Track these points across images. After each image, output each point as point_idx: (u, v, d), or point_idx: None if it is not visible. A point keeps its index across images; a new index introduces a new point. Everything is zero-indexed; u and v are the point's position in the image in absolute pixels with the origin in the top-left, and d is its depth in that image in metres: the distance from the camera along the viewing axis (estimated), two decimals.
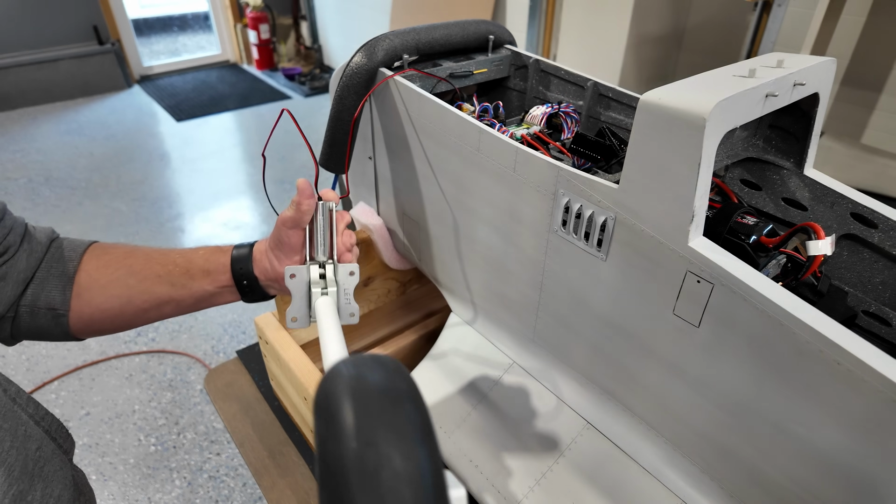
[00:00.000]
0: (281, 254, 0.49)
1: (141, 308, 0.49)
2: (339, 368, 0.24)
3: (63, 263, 0.47)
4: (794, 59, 0.48)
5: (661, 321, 0.47)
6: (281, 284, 0.51)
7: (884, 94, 1.74)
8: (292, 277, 0.46)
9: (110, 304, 0.48)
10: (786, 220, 0.55)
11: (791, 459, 0.41)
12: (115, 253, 0.50)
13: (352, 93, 0.65)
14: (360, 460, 0.20)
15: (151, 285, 0.49)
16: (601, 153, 0.58)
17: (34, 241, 0.47)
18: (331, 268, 0.48)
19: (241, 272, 0.50)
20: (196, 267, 0.50)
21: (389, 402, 0.22)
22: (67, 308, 0.47)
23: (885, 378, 0.33)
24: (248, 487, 1.10)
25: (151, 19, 4.60)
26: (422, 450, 0.21)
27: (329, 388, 0.23)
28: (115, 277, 0.49)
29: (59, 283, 0.47)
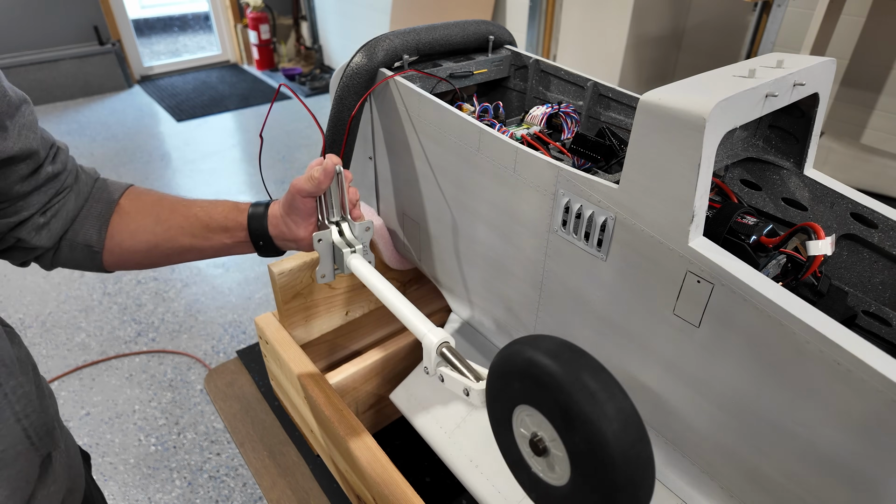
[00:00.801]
0: (298, 218, 0.54)
1: (165, 253, 0.55)
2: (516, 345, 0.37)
3: (102, 204, 0.52)
4: (794, 59, 0.48)
5: (661, 321, 0.47)
6: (299, 245, 0.56)
7: (883, 94, 1.74)
8: (319, 242, 0.54)
9: (138, 248, 0.53)
10: (786, 220, 0.55)
11: (791, 459, 0.41)
12: (146, 200, 0.55)
13: (352, 93, 0.65)
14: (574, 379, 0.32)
15: (175, 234, 0.54)
16: (601, 153, 0.58)
17: (81, 181, 0.51)
18: (346, 225, 0.56)
19: (257, 232, 0.55)
20: (215, 222, 0.55)
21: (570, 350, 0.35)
22: (102, 246, 0.52)
23: (885, 378, 0.33)
24: (249, 487, 1.10)
25: (152, 19, 4.60)
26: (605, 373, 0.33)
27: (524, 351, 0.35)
28: (143, 225, 0.53)
29: (97, 223, 0.51)
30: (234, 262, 1.96)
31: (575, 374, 0.32)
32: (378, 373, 0.79)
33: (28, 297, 1.76)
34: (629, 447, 0.31)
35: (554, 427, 0.35)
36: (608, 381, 0.33)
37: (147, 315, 1.71)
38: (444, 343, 0.45)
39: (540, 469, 0.38)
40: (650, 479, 0.33)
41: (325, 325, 0.85)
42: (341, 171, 0.53)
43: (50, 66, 3.27)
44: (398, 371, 0.81)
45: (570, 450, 0.34)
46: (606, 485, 0.32)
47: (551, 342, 0.35)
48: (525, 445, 0.39)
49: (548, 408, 0.35)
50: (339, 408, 0.65)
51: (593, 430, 0.31)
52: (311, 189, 0.51)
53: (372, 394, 0.80)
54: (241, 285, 1.83)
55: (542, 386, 0.34)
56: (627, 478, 0.31)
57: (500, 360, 0.38)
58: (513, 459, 0.41)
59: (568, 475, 0.35)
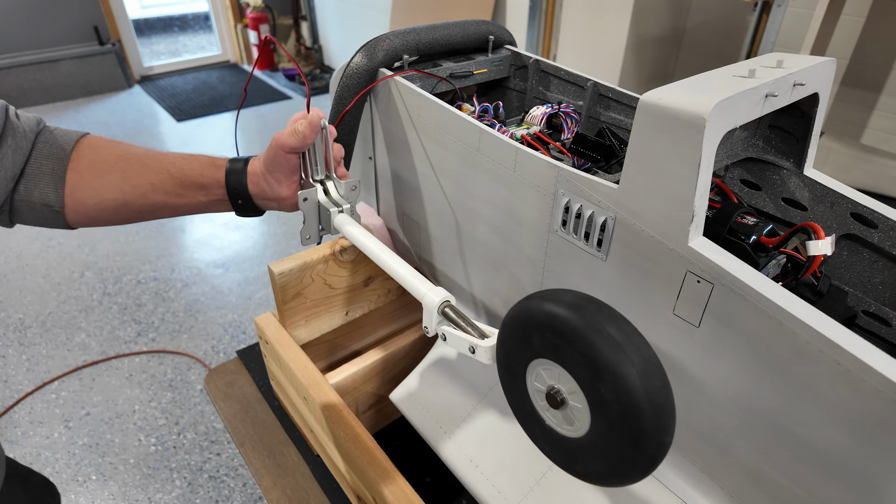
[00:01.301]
0: (280, 175, 0.51)
1: (137, 210, 0.51)
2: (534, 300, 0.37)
3: (53, 161, 0.48)
4: (794, 59, 0.48)
5: (660, 321, 0.47)
6: (280, 204, 0.53)
7: (883, 94, 1.74)
8: (305, 201, 0.52)
9: (106, 206, 0.50)
10: (786, 220, 0.55)
11: (791, 459, 0.41)
12: (107, 154, 0.51)
13: (352, 93, 0.65)
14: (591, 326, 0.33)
15: (146, 191, 0.50)
16: (601, 153, 0.58)
17: (19, 135, 0.47)
18: (331, 184, 0.53)
19: (237, 190, 0.52)
20: (190, 179, 0.51)
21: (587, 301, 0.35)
22: (62, 205, 0.48)
23: (885, 378, 0.33)
24: (249, 488, 1.10)
25: (152, 19, 4.60)
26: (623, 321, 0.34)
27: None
28: (109, 181, 0.49)
29: (52, 181, 0.48)
30: (234, 263, 1.97)
31: (599, 326, 0.33)
32: (378, 373, 0.79)
33: (28, 297, 1.76)
34: (656, 394, 0.32)
35: (576, 379, 0.35)
36: (631, 331, 0.33)
37: (147, 315, 1.71)
38: (445, 302, 0.44)
39: (555, 422, 0.38)
40: (673, 426, 0.33)
41: (325, 325, 0.85)
42: (326, 126, 0.51)
43: (50, 67, 3.27)
44: (398, 371, 0.80)
45: (594, 401, 0.34)
46: (633, 432, 0.32)
47: (570, 295, 0.35)
48: (541, 399, 0.39)
49: (570, 360, 0.35)
50: (339, 408, 0.65)
51: (621, 379, 0.32)
52: (296, 144, 0.48)
53: (372, 394, 0.80)
54: (241, 285, 1.83)
55: (564, 339, 0.34)
56: (654, 425, 0.32)
57: (518, 314, 0.38)
58: (524, 413, 0.41)
59: (587, 426, 0.35)
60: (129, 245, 2.05)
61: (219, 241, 2.05)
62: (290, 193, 0.51)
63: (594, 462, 0.36)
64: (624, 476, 0.35)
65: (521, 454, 0.61)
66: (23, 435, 1.31)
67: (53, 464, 1.23)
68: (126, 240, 2.05)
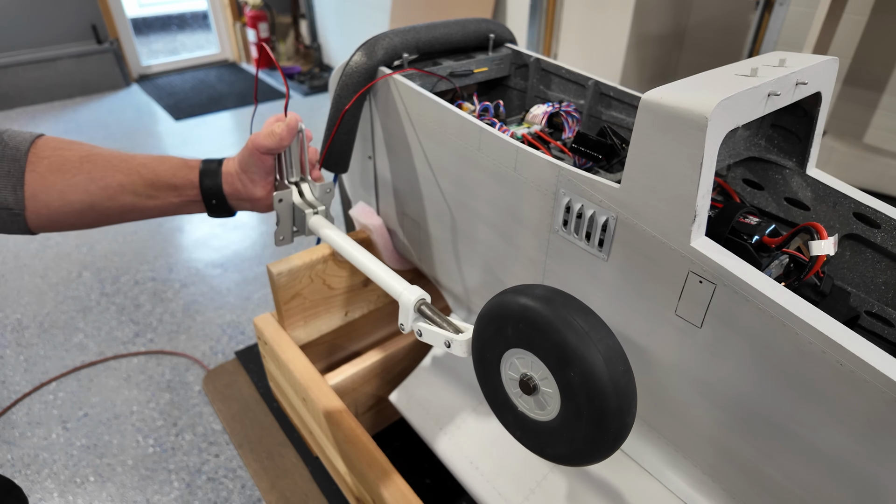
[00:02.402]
0: (255, 176, 0.51)
1: (104, 213, 0.50)
2: (508, 294, 0.40)
3: (7, 162, 0.46)
4: (796, 58, 0.47)
5: (662, 321, 0.46)
6: (254, 205, 0.53)
7: (886, 93, 1.73)
8: (280, 202, 0.52)
9: (71, 208, 0.48)
10: (788, 219, 0.55)
11: (793, 460, 0.41)
12: (69, 155, 0.49)
13: (351, 92, 0.64)
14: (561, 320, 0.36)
15: (114, 193, 0.49)
16: (602, 152, 0.57)
17: None
18: (306, 186, 0.54)
19: (210, 190, 0.51)
20: (162, 180, 0.50)
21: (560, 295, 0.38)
22: (22, 207, 0.47)
23: (888, 379, 0.33)
24: (247, 489, 1.10)
25: (150, 18, 4.59)
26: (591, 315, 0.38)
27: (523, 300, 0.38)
28: (74, 183, 0.48)
29: (9, 183, 0.46)
30: (233, 263, 1.96)
31: (568, 316, 0.36)
32: (377, 374, 0.78)
33: (25, 298, 1.76)
34: (619, 377, 0.35)
35: (547, 366, 0.38)
36: (597, 321, 0.37)
37: (145, 315, 1.71)
38: (421, 300, 0.46)
39: (527, 408, 0.41)
40: (635, 407, 0.37)
41: (324, 325, 0.85)
42: (303, 129, 0.51)
43: (47, 65, 3.26)
44: (397, 372, 0.80)
45: (563, 385, 0.37)
46: (599, 413, 0.36)
47: (542, 289, 0.39)
48: (514, 387, 0.42)
49: (542, 348, 0.38)
50: (339, 409, 0.65)
51: (588, 364, 0.35)
52: (272, 145, 0.49)
53: (371, 395, 0.80)
54: (240, 285, 1.82)
55: (536, 328, 0.37)
56: (618, 406, 0.35)
57: (493, 307, 0.41)
58: (499, 401, 0.44)
59: (557, 410, 0.39)
60: (126, 245, 2.05)
61: (217, 242, 2.05)
62: (265, 194, 0.52)
63: (564, 444, 0.39)
64: (590, 455, 0.38)
65: (522, 456, 0.61)
66: (20, 436, 1.30)
67: (51, 465, 1.23)
68: (124, 240, 2.04)
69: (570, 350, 0.36)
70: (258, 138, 0.49)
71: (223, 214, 0.54)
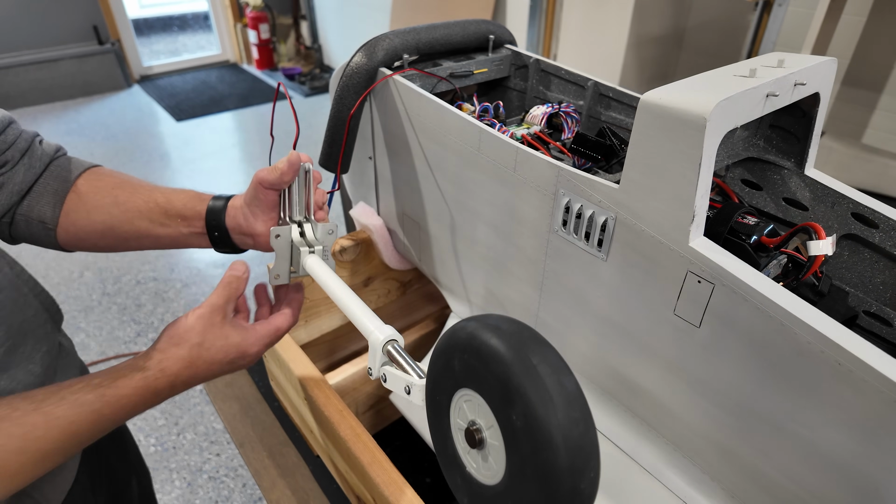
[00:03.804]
0: (258, 210, 0.51)
1: (121, 237, 0.52)
2: (465, 322, 0.35)
3: (58, 182, 0.51)
4: (795, 58, 0.48)
5: (661, 321, 0.46)
6: (255, 241, 0.53)
7: (884, 94, 1.73)
8: (277, 238, 0.51)
9: (94, 228, 0.52)
10: (787, 220, 0.55)
11: (792, 460, 0.41)
12: (108, 181, 0.53)
13: (352, 92, 0.65)
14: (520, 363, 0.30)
15: (132, 217, 0.52)
16: (602, 153, 0.57)
17: (35, 156, 0.50)
18: (308, 227, 0.53)
19: (214, 223, 0.53)
20: (174, 209, 0.53)
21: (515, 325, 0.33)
22: (56, 223, 0.51)
23: (886, 378, 0.33)
24: (248, 488, 1.10)
25: (151, 19, 4.60)
26: (548, 348, 0.32)
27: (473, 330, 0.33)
28: (101, 205, 0.51)
29: (52, 200, 0.50)
30: None
31: (517, 347, 0.31)
32: None
33: None
34: (572, 425, 0.29)
35: (491, 408, 0.33)
36: (551, 355, 0.31)
37: (147, 315, 1.71)
38: (390, 341, 0.43)
39: (474, 466, 0.36)
40: (594, 468, 0.30)
41: (324, 325, 0.85)
42: (310, 169, 0.51)
43: (49, 66, 3.27)
44: None
45: (506, 431, 0.32)
46: (544, 468, 0.29)
47: (497, 318, 0.34)
48: (461, 438, 0.36)
49: (486, 384, 0.32)
50: (339, 408, 0.65)
51: (531, 403, 0.29)
52: (273, 180, 0.49)
53: (372, 394, 0.80)
54: None
55: (482, 359, 0.32)
56: (568, 461, 0.29)
57: (444, 337, 0.36)
58: (448, 457, 0.39)
59: (503, 468, 0.33)
60: None
61: None
62: (266, 230, 0.52)
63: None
64: None
65: None
66: None
67: None
68: None
69: (512, 385, 0.30)
70: (262, 172, 0.50)
71: (228, 250, 0.55)
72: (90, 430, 0.40)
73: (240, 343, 0.46)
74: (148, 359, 0.43)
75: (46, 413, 0.38)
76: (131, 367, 0.42)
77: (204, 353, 0.44)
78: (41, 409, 0.38)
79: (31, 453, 0.37)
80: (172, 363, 0.43)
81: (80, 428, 0.39)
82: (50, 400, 0.38)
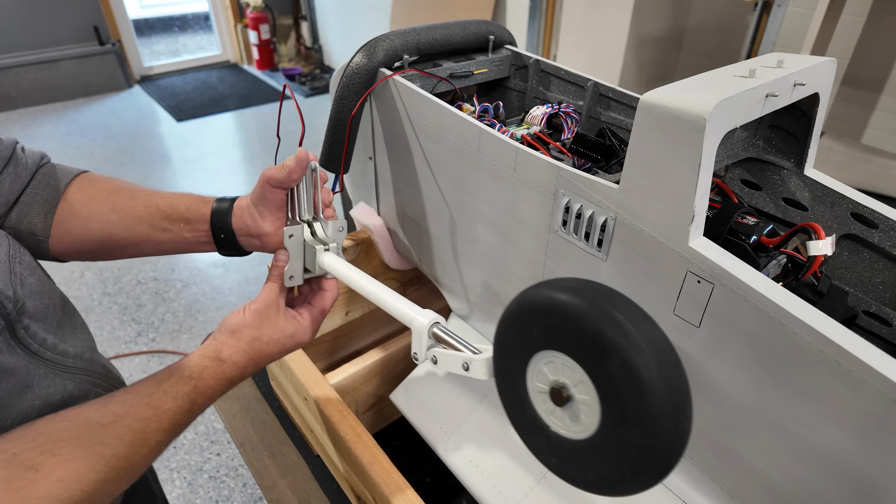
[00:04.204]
0: (265, 210, 0.51)
1: (120, 244, 0.51)
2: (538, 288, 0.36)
3: (48, 191, 0.49)
4: (795, 59, 0.48)
5: (661, 321, 0.46)
6: (262, 241, 0.52)
7: (884, 94, 1.74)
8: (290, 237, 0.51)
9: (91, 237, 0.50)
10: (786, 220, 0.55)
11: (791, 460, 0.41)
12: (102, 187, 0.51)
13: (352, 93, 0.65)
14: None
15: (132, 223, 0.51)
16: (601, 153, 0.58)
17: (20, 165, 0.48)
18: (318, 225, 0.53)
19: (220, 225, 0.51)
20: (177, 213, 0.51)
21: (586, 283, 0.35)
22: (48, 234, 0.49)
23: (886, 378, 0.33)
24: (249, 488, 1.10)
25: (152, 19, 4.60)
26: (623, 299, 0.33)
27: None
28: (98, 212, 0.50)
29: (42, 210, 0.49)
30: (235, 263, 1.96)
31: (602, 304, 0.32)
32: (378, 373, 0.79)
33: None
34: (669, 368, 0.30)
35: (581, 364, 0.33)
36: (633, 307, 0.32)
37: (147, 315, 1.71)
38: (435, 323, 0.44)
39: (561, 425, 0.36)
40: (689, 406, 0.31)
41: (324, 325, 0.85)
42: (317, 167, 0.51)
43: (50, 67, 3.27)
44: (398, 371, 0.80)
45: (602, 384, 0.32)
46: (647, 412, 0.30)
47: (570, 280, 0.35)
48: (544, 401, 0.37)
49: (574, 343, 0.33)
50: (339, 408, 0.65)
51: (629, 352, 0.30)
52: (281, 178, 0.48)
53: (372, 394, 0.80)
54: (242, 285, 1.83)
55: (566, 320, 0.33)
56: (671, 402, 0.30)
57: (515, 305, 0.37)
58: (527, 423, 0.39)
59: (597, 420, 0.33)
60: None
61: None
62: (274, 230, 0.51)
63: (609, 463, 0.34)
64: (642, 473, 0.32)
65: (522, 454, 0.61)
66: None
67: None
68: None
69: (606, 338, 0.31)
70: (269, 171, 0.49)
71: (233, 253, 0.54)
72: (186, 419, 0.43)
73: (293, 334, 0.49)
74: (219, 351, 0.46)
75: (156, 407, 0.41)
76: (210, 358, 0.45)
77: (263, 346, 0.47)
78: (151, 403, 0.41)
79: (150, 446, 0.40)
80: (240, 356, 0.46)
81: (181, 418, 0.42)
82: (155, 394, 0.41)
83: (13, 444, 0.34)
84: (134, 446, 0.39)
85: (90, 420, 0.38)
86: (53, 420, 0.37)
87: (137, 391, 0.41)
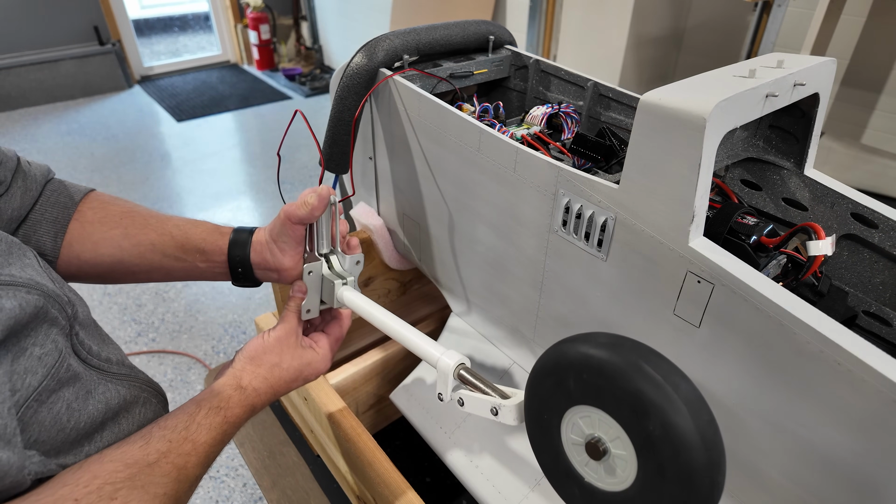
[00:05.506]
0: (285, 245, 0.51)
1: (130, 270, 0.50)
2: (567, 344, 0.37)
3: (58, 209, 0.47)
4: (794, 59, 0.48)
5: (661, 321, 0.47)
6: (280, 275, 0.52)
7: (884, 94, 1.74)
8: (310, 273, 0.52)
9: (101, 261, 0.49)
10: (786, 220, 0.55)
11: (791, 460, 0.41)
12: (113, 210, 0.50)
13: (352, 93, 0.65)
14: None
15: (144, 251, 0.50)
16: (601, 153, 0.58)
17: (29, 178, 0.46)
18: (335, 259, 0.54)
19: (238, 258, 0.51)
20: (192, 243, 0.51)
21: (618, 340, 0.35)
22: (57, 255, 0.48)
23: (886, 378, 0.33)
24: (249, 488, 1.10)
25: (152, 20, 4.60)
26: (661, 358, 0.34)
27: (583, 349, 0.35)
28: (109, 237, 0.49)
29: (52, 230, 0.47)
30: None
31: (640, 361, 0.33)
32: (378, 373, 0.79)
33: None
34: (705, 426, 0.31)
35: (619, 422, 0.34)
36: (672, 367, 0.33)
37: (147, 315, 1.71)
38: (460, 365, 0.43)
39: (596, 477, 0.37)
40: (724, 461, 0.32)
41: None
42: (335, 201, 0.51)
43: (50, 67, 3.27)
44: (398, 371, 0.80)
45: (640, 441, 0.33)
46: (686, 469, 0.31)
47: (606, 336, 0.35)
48: (578, 453, 0.37)
49: (612, 401, 0.34)
50: (339, 408, 0.65)
51: (669, 414, 0.31)
52: (304, 215, 0.48)
53: (372, 394, 0.80)
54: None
55: (604, 377, 0.34)
56: (707, 458, 0.31)
57: (551, 357, 0.37)
58: (560, 471, 0.39)
59: (633, 474, 0.34)
60: None
61: None
62: (293, 265, 0.51)
63: None
64: None
65: (521, 454, 0.61)
66: None
67: None
68: None
69: (646, 399, 0.32)
70: (290, 208, 0.49)
71: (247, 284, 0.54)
72: (218, 451, 0.43)
73: (311, 361, 0.50)
74: (238, 378, 0.46)
75: (194, 441, 0.41)
76: (232, 387, 0.45)
77: (283, 373, 0.48)
78: (189, 437, 0.41)
79: (190, 480, 0.40)
80: (259, 382, 0.46)
81: (215, 449, 0.43)
82: (191, 428, 0.41)
83: (71, 490, 0.34)
84: (179, 483, 0.39)
85: (138, 460, 0.37)
86: (101, 461, 0.37)
87: (173, 426, 0.41)
